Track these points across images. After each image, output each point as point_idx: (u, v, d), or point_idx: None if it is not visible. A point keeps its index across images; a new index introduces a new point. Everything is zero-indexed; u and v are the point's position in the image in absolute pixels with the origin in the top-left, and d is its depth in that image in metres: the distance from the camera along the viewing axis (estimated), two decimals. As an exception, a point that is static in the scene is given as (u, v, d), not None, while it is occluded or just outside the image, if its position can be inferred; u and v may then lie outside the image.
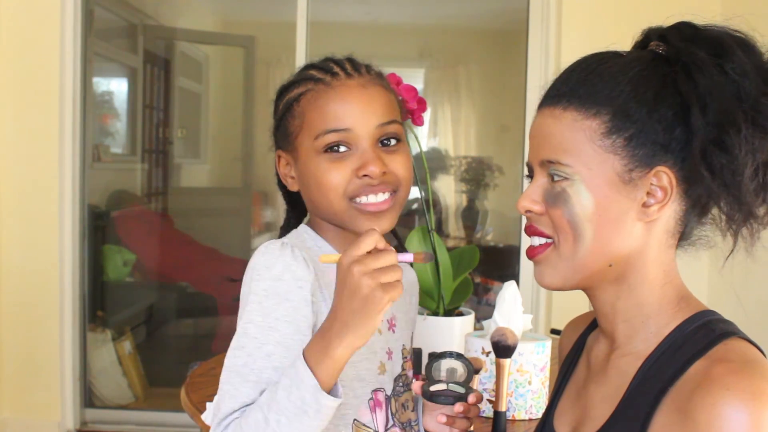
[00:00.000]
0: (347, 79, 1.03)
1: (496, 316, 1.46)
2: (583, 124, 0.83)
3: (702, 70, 0.80)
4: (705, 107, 0.80)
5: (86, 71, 3.42)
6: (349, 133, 1.00)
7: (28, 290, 3.30)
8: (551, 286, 0.88)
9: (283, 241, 1.01)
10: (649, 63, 0.84)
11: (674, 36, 0.84)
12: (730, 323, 0.84)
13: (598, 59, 0.87)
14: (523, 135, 3.33)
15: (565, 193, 0.84)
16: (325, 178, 1.01)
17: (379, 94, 1.04)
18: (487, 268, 4.05)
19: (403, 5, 4.72)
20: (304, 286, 0.97)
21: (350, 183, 1.01)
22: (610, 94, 0.83)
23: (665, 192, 0.83)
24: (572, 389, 0.97)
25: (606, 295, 0.88)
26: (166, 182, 4.60)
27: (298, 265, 0.98)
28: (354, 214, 1.02)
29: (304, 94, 1.04)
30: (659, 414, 0.78)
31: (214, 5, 4.95)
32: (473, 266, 1.74)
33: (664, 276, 0.86)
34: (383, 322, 1.09)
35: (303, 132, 1.03)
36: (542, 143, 0.87)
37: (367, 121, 1.01)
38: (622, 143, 0.82)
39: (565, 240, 0.85)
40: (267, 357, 0.94)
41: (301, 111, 1.03)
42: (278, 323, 0.96)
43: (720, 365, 0.76)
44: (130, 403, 3.72)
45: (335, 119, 1.00)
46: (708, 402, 0.73)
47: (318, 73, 1.04)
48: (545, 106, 0.88)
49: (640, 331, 0.86)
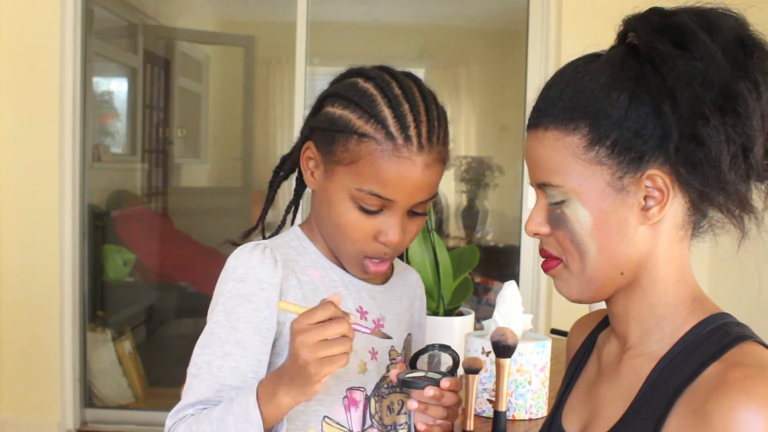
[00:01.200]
0: (417, 154, 0.98)
1: (496, 316, 1.47)
2: (565, 141, 0.82)
3: (667, 63, 0.78)
4: (675, 102, 0.78)
5: (86, 71, 3.42)
6: (391, 203, 0.99)
7: (28, 290, 3.30)
8: (570, 299, 0.89)
9: (257, 243, 1.04)
10: (619, 63, 0.82)
11: (643, 26, 0.82)
12: (745, 326, 0.83)
13: (572, 70, 0.85)
14: (523, 135, 3.32)
15: (564, 215, 0.84)
16: (348, 227, 1.01)
17: (436, 173, 1.01)
18: (487, 268, 4.05)
19: (403, 5, 4.72)
20: (267, 288, 1.00)
21: (368, 242, 1.01)
22: (584, 106, 0.81)
23: (662, 193, 0.81)
24: (582, 388, 0.96)
25: (619, 298, 0.87)
26: (166, 182, 4.60)
27: (263, 267, 1.00)
28: (355, 263, 1.05)
29: (369, 140, 0.98)
30: (673, 416, 0.77)
31: (214, 5, 4.95)
32: (473, 266, 1.74)
33: (676, 273, 0.85)
34: (368, 322, 1.09)
35: (349, 169, 1.00)
36: (533, 167, 0.87)
37: (412, 198, 1.00)
38: (605, 153, 0.81)
39: (573, 259, 0.85)
40: (225, 356, 0.99)
41: (358, 153, 0.98)
42: (239, 324, 1.00)
43: (737, 369, 0.75)
44: (130, 403, 3.72)
45: (385, 188, 0.98)
46: (725, 406, 0.72)
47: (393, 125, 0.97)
48: (529, 128, 0.87)
49: (653, 332, 0.85)
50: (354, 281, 1.09)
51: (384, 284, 1.14)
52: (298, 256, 1.06)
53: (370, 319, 1.09)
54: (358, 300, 1.09)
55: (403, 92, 1.00)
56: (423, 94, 1.01)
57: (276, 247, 1.05)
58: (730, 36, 0.78)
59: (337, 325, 0.88)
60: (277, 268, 1.01)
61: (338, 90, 1.03)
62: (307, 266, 1.06)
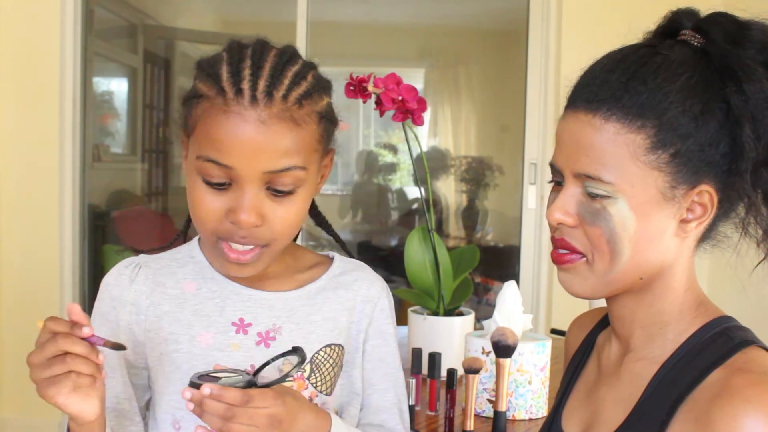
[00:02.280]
0: (248, 107, 0.85)
1: (496, 316, 1.47)
2: (627, 137, 0.77)
3: (754, 82, 0.75)
4: (755, 123, 0.76)
5: (86, 71, 3.42)
6: (231, 171, 0.87)
7: (28, 290, 3.30)
8: (579, 295, 0.85)
9: (132, 259, 1.01)
10: (695, 68, 0.78)
11: (716, 31, 0.78)
12: (748, 331, 0.82)
13: (638, 59, 0.79)
14: (523, 135, 3.33)
15: (606, 212, 0.79)
16: (198, 205, 0.90)
17: (280, 133, 0.86)
18: (487, 268, 4.05)
19: (403, 5, 4.72)
20: (118, 306, 0.98)
21: (221, 222, 0.89)
22: (656, 106, 0.77)
23: (705, 209, 0.79)
24: (581, 389, 0.95)
25: (627, 302, 0.86)
26: (166, 182, 4.60)
27: (117, 285, 0.98)
28: (217, 253, 0.93)
29: (202, 101, 0.88)
30: (675, 422, 0.77)
31: (214, 5, 4.95)
32: (473, 266, 1.74)
33: (687, 281, 0.84)
34: (250, 335, 0.97)
35: (193, 140, 0.90)
36: (578, 153, 0.80)
37: (253, 164, 0.86)
38: (666, 159, 0.77)
39: (601, 258, 0.81)
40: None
41: (195, 116, 0.89)
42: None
43: (740, 376, 0.74)
44: (130, 403, 3.72)
45: (218, 151, 0.86)
46: (728, 413, 0.71)
47: (225, 80, 0.87)
48: (581, 110, 0.80)
49: (657, 337, 0.84)
50: (240, 290, 0.99)
51: (296, 290, 1.02)
52: (178, 269, 1.01)
53: (253, 331, 0.97)
54: (240, 311, 0.98)
55: (254, 52, 0.89)
56: (281, 55, 0.90)
57: (151, 261, 1.01)
58: None
59: (52, 345, 0.78)
60: (131, 285, 0.98)
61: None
62: (183, 278, 1.00)
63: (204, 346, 0.96)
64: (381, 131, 5.03)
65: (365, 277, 1.07)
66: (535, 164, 3.27)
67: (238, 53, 0.90)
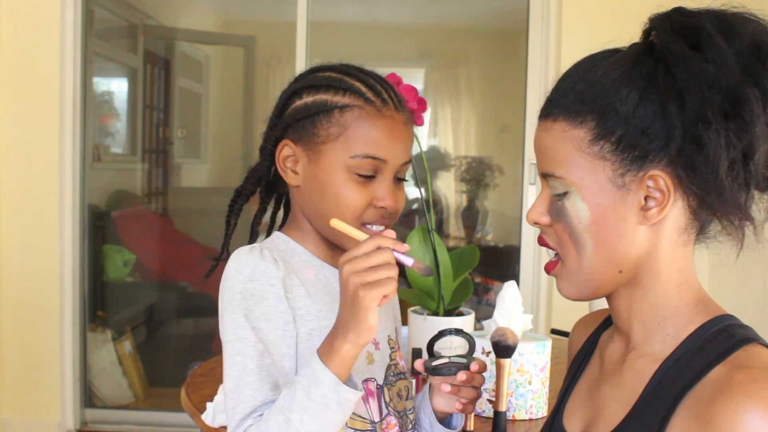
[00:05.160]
0: (396, 113, 1.06)
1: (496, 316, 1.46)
2: (571, 134, 0.83)
3: (679, 63, 0.77)
4: (682, 103, 0.77)
5: (86, 71, 3.42)
6: (383, 164, 1.05)
7: (28, 290, 3.30)
8: (570, 298, 0.88)
9: (252, 246, 1.07)
10: (633, 60, 0.81)
11: (663, 25, 0.81)
12: (749, 328, 0.82)
13: (588, 63, 0.85)
14: (523, 135, 3.33)
15: (563, 207, 0.84)
16: (348, 196, 1.04)
17: (411, 133, 1.10)
18: (487, 268, 4.05)
19: (403, 5, 4.72)
20: (276, 283, 1.02)
21: (366, 209, 1.05)
22: (594, 100, 0.81)
23: (663, 194, 0.81)
24: (583, 388, 0.96)
25: (622, 297, 0.87)
26: (166, 182, 4.60)
27: (267, 264, 1.03)
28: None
29: (351, 108, 1.05)
30: (676, 418, 0.77)
31: (214, 5, 4.95)
32: (473, 266, 1.74)
33: (679, 276, 0.85)
34: None
35: (338, 144, 1.05)
36: (539, 156, 0.87)
37: (399, 158, 1.06)
38: (610, 148, 0.81)
39: (569, 254, 0.85)
40: (260, 356, 0.99)
41: (344, 123, 1.04)
42: (259, 322, 1.00)
43: (741, 372, 0.75)
44: (130, 403, 3.72)
45: (378, 148, 1.04)
46: (729, 409, 0.72)
47: (368, 93, 1.06)
48: (540, 118, 0.87)
49: (656, 333, 0.85)
50: None
51: None
52: (290, 258, 1.08)
53: None
54: None
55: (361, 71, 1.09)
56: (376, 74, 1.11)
57: (271, 249, 1.07)
58: (747, 41, 0.78)
59: (382, 254, 0.91)
60: (278, 265, 1.03)
61: (301, 85, 1.09)
62: (300, 266, 1.08)
63: None
64: (381, 131, 5.02)
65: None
66: (535, 164, 3.27)
67: (353, 70, 1.09)
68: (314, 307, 1.05)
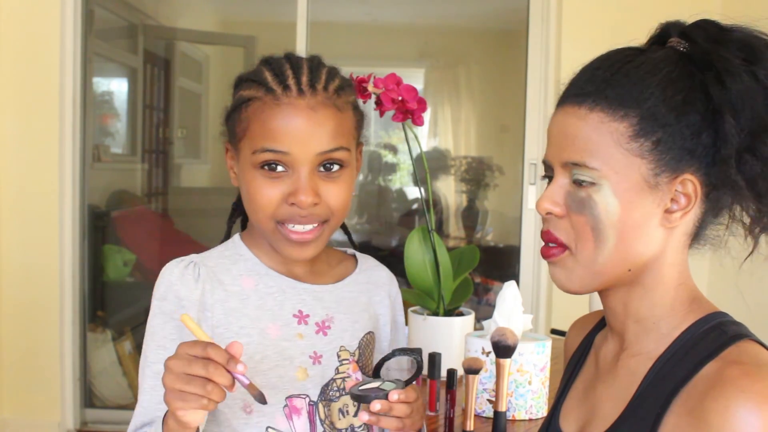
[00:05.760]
0: (297, 98, 0.98)
1: (496, 316, 1.47)
2: (611, 126, 0.81)
3: (734, 76, 0.78)
4: (737, 114, 0.78)
5: (86, 71, 3.42)
6: (287, 156, 0.98)
7: (28, 290, 3.30)
8: (567, 290, 0.87)
9: (184, 258, 1.04)
10: (676, 64, 0.82)
11: (699, 35, 0.82)
12: (741, 325, 0.83)
13: (622, 57, 0.84)
14: (523, 135, 3.33)
15: (591, 200, 0.82)
16: (257, 195, 1.00)
17: (327, 118, 0.99)
18: (487, 268, 4.05)
19: (403, 5, 4.72)
20: (187, 305, 1.00)
21: (279, 207, 0.99)
22: (638, 96, 0.80)
23: (689, 199, 0.81)
24: (579, 388, 0.96)
25: (618, 296, 0.87)
26: (166, 182, 4.60)
27: (181, 284, 1.01)
28: (279, 237, 1.02)
29: (253, 102, 1.00)
30: (670, 415, 0.77)
31: (214, 5, 4.95)
32: (473, 266, 1.74)
33: (678, 277, 0.85)
34: (309, 325, 1.06)
35: (245, 139, 1.01)
36: (566, 144, 0.84)
37: (306, 147, 0.98)
38: (649, 147, 0.80)
39: (585, 247, 0.83)
40: (154, 377, 0.99)
41: (247, 118, 1.00)
42: (166, 341, 1.00)
43: (733, 367, 0.75)
44: (130, 403, 3.72)
45: (274, 139, 0.98)
46: (721, 404, 0.72)
47: (272, 81, 1.00)
48: (568, 104, 0.84)
49: (651, 332, 0.86)
50: (294, 284, 1.07)
51: (336, 283, 1.11)
52: (231, 265, 1.06)
53: (312, 321, 1.07)
54: (298, 303, 1.07)
55: (287, 58, 1.03)
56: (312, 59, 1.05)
57: (205, 259, 1.05)
58: None
59: (202, 367, 0.82)
60: (197, 283, 1.01)
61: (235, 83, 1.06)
62: (239, 275, 1.05)
63: (274, 337, 1.04)
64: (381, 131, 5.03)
65: (382, 270, 1.19)
66: (535, 164, 3.27)
67: (275, 61, 1.03)
68: (235, 324, 1.02)
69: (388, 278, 1.19)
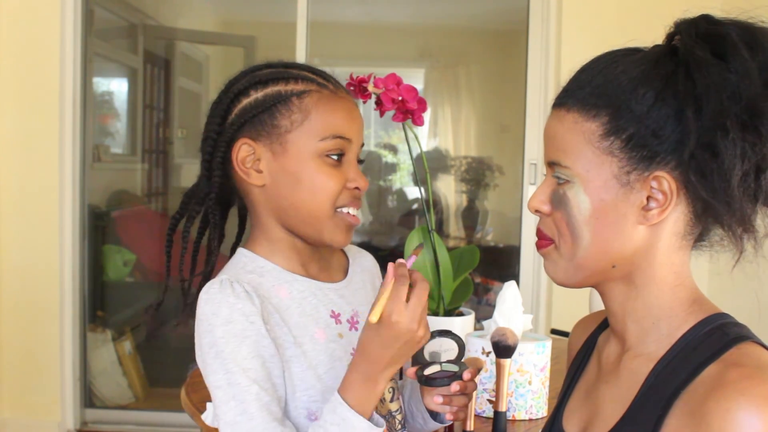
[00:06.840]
0: (347, 96, 1.08)
1: (496, 316, 1.46)
2: (583, 126, 0.83)
3: (701, 69, 0.77)
4: (699, 109, 0.78)
5: (86, 71, 3.42)
6: (350, 144, 1.05)
7: (28, 290, 3.30)
8: (554, 280, 0.90)
9: (222, 279, 1.01)
10: (654, 61, 0.82)
11: (688, 31, 0.81)
12: (743, 327, 0.83)
13: (609, 59, 0.85)
14: (523, 135, 3.33)
15: (566, 196, 0.84)
16: (324, 181, 1.03)
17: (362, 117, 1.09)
18: (487, 268, 4.05)
19: (403, 5, 4.72)
20: (255, 320, 0.99)
21: (341, 193, 1.04)
22: (610, 95, 0.82)
23: (666, 196, 0.81)
24: (582, 389, 0.96)
25: (615, 294, 0.88)
26: (166, 182, 4.60)
27: (242, 302, 0.99)
28: (336, 223, 1.05)
29: (309, 93, 1.04)
30: (671, 417, 0.77)
31: (214, 5, 4.95)
32: (473, 266, 1.74)
33: (675, 278, 0.85)
34: (343, 324, 1.08)
35: (303, 130, 1.02)
36: (548, 144, 0.88)
37: (360, 137, 1.07)
38: (619, 145, 0.81)
39: (564, 242, 0.86)
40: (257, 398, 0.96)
41: (305, 108, 1.03)
42: (247, 362, 0.97)
43: (734, 370, 0.75)
44: (130, 403, 3.72)
45: (342, 127, 1.04)
46: (722, 407, 0.72)
47: (318, 78, 1.06)
48: (554, 107, 0.88)
49: (651, 333, 0.86)
50: (320, 286, 1.08)
51: (345, 279, 1.13)
52: (261, 279, 1.04)
53: (344, 319, 1.09)
54: (329, 304, 1.08)
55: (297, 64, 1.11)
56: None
57: (239, 278, 1.02)
58: None
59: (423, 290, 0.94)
60: (253, 298, 1.00)
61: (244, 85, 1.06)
62: (272, 287, 1.04)
63: (322, 341, 1.05)
64: (381, 131, 5.03)
65: (362, 254, 1.22)
66: (535, 164, 3.27)
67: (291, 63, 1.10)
68: (290, 335, 1.02)
69: (373, 263, 1.23)
